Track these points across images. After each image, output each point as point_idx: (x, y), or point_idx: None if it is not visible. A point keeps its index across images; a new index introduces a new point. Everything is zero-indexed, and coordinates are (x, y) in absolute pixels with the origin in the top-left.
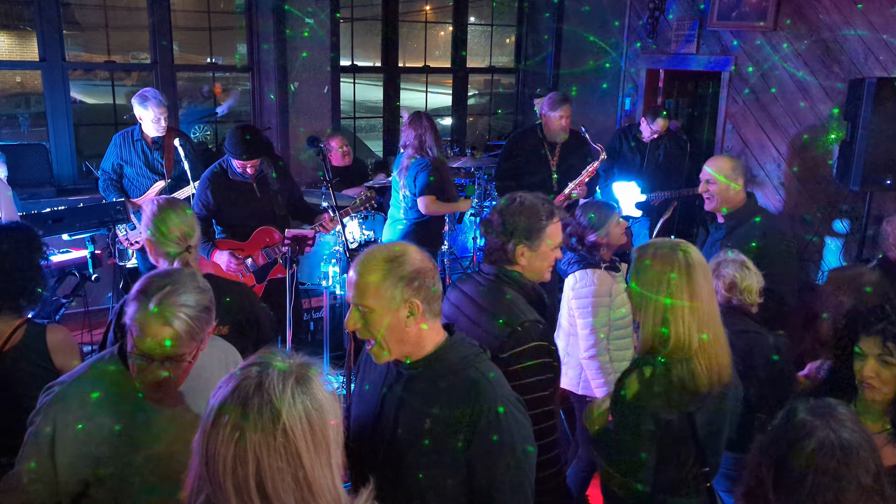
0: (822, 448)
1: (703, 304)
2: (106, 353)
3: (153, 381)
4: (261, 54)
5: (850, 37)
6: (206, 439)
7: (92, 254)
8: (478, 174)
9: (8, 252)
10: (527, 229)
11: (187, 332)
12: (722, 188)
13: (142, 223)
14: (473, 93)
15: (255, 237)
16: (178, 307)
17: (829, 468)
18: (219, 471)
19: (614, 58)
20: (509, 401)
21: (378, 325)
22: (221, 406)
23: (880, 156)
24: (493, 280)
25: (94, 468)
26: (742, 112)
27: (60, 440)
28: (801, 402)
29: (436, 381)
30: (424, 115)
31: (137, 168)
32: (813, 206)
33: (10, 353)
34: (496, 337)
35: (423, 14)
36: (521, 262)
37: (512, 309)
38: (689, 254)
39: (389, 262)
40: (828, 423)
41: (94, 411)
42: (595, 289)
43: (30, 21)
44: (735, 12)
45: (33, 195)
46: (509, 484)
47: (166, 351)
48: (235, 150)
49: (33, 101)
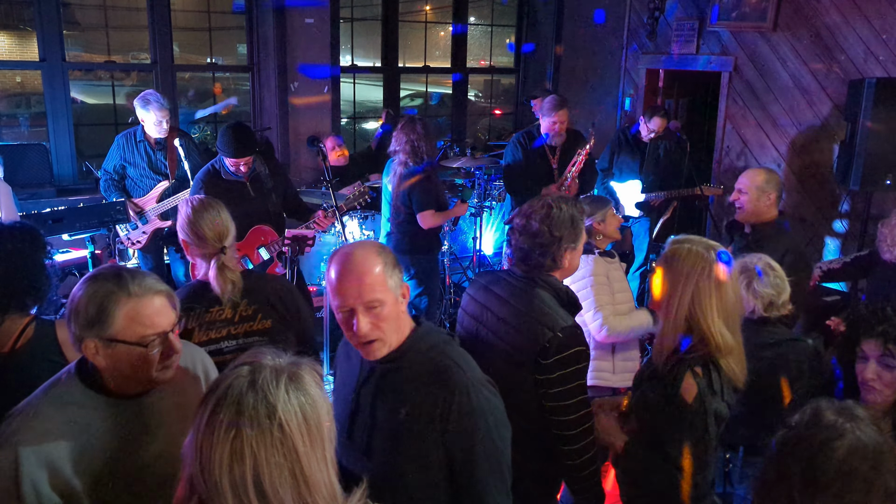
0: (855, 451)
1: (730, 303)
2: (62, 373)
3: (167, 358)
4: (261, 54)
5: (850, 37)
6: (200, 440)
7: (92, 254)
8: (478, 174)
9: (13, 251)
10: (574, 232)
11: (170, 295)
12: (752, 199)
13: (177, 224)
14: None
15: (249, 236)
16: (149, 278)
17: (860, 471)
18: (214, 471)
19: (614, 58)
20: (481, 383)
21: (387, 318)
22: (216, 405)
23: (880, 156)
24: (527, 282)
25: (70, 492)
26: (742, 112)
27: (26, 475)
28: (824, 402)
29: (408, 371)
30: (419, 120)
31: (141, 169)
32: (812, 206)
33: (23, 349)
34: (537, 342)
35: (423, 14)
36: (565, 264)
37: (550, 314)
38: (714, 252)
39: (381, 254)
40: (857, 424)
41: (58, 436)
42: (592, 268)
43: (30, 21)
44: (735, 12)
45: (33, 195)
46: (487, 464)
47: (171, 316)
48: (227, 149)
49: (33, 101)
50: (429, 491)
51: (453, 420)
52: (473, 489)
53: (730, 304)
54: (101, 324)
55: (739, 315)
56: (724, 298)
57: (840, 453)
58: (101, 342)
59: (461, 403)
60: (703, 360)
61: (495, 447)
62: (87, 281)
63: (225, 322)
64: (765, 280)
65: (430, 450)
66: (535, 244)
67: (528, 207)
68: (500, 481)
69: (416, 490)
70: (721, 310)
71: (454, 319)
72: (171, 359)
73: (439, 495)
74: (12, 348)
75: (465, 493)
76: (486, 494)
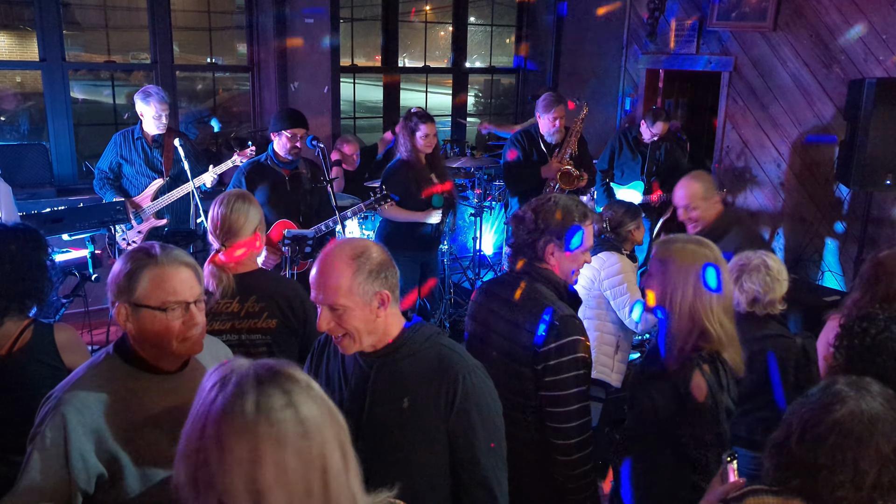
0: (851, 414)
1: (727, 296)
2: (100, 353)
3: (191, 329)
4: (261, 54)
5: (850, 37)
6: (207, 454)
7: (92, 254)
8: (477, 174)
9: (15, 253)
10: (559, 228)
11: (198, 270)
12: (703, 211)
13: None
14: (474, 92)
15: (273, 230)
16: (178, 251)
17: (854, 431)
18: (233, 479)
19: (614, 58)
20: (477, 367)
21: (352, 321)
22: (223, 411)
23: (880, 156)
24: (525, 278)
25: (113, 461)
26: (742, 112)
27: (74, 442)
28: (843, 377)
29: (405, 363)
30: (415, 114)
31: (137, 166)
32: (812, 206)
33: (20, 353)
34: (534, 333)
35: (424, 14)
36: (551, 260)
37: (545, 304)
38: (714, 249)
39: (357, 259)
40: (862, 395)
41: (102, 407)
42: (622, 265)
43: (30, 21)
44: (735, 12)
45: (33, 195)
46: (488, 445)
47: (195, 290)
48: (285, 122)
49: (33, 101)
50: (433, 475)
51: (458, 404)
52: (476, 468)
53: (727, 295)
54: (129, 289)
55: (732, 307)
56: (723, 289)
57: (838, 415)
58: (130, 307)
59: (465, 387)
60: (709, 357)
61: (495, 427)
62: (125, 254)
63: (230, 315)
64: (754, 277)
65: (435, 434)
66: (525, 234)
67: (535, 201)
68: (500, 461)
69: (421, 475)
70: (719, 299)
71: (455, 319)
72: (192, 331)
73: (443, 479)
74: (9, 351)
75: (468, 473)
76: (489, 472)
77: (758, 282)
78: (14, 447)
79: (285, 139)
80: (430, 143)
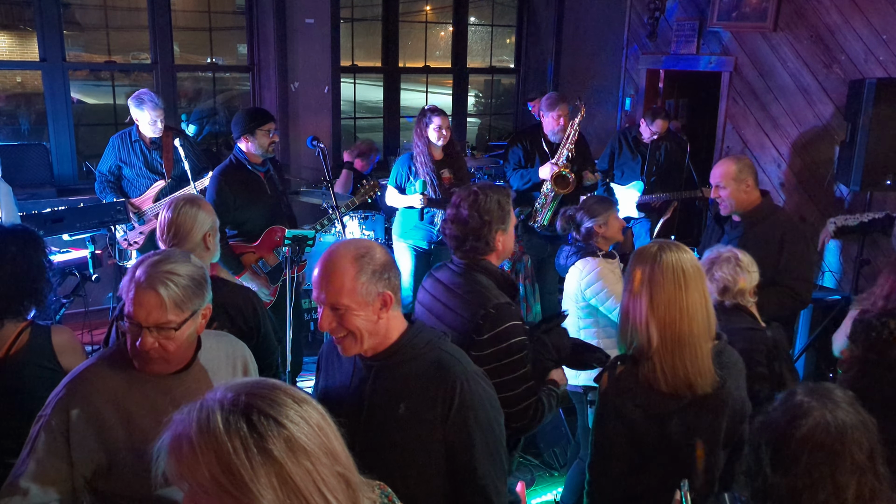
0: (817, 426)
1: (663, 304)
2: (112, 346)
3: (144, 352)
4: (261, 54)
5: (850, 37)
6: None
7: (92, 254)
8: (478, 174)
9: (15, 255)
10: (501, 215)
11: (172, 298)
12: (732, 191)
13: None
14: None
15: (264, 238)
16: (164, 274)
17: (825, 445)
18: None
19: (614, 58)
20: (476, 374)
21: (354, 322)
22: (219, 431)
23: (880, 156)
24: (465, 269)
25: (112, 451)
26: (742, 112)
27: (76, 427)
28: (801, 386)
29: (405, 367)
30: (429, 110)
31: (137, 169)
32: (812, 206)
33: (17, 355)
34: (471, 321)
35: (424, 14)
36: (499, 247)
37: (484, 293)
38: (667, 254)
39: (360, 259)
40: (824, 404)
41: (105, 398)
42: (601, 270)
43: (30, 21)
44: (735, 12)
45: (33, 195)
46: (486, 451)
47: (151, 317)
48: (255, 119)
49: (33, 101)
50: (431, 481)
51: (455, 410)
52: (473, 475)
53: (665, 303)
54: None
55: (697, 316)
56: (658, 294)
57: (804, 430)
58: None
59: (462, 394)
60: (624, 358)
61: (494, 435)
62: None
63: None
64: (724, 267)
65: (432, 441)
66: (467, 230)
67: (457, 197)
68: (499, 468)
69: (419, 481)
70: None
71: None
72: (145, 352)
73: (440, 484)
74: (6, 354)
75: (465, 480)
76: (486, 479)
77: (728, 271)
78: (11, 450)
79: (262, 137)
80: (442, 136)
